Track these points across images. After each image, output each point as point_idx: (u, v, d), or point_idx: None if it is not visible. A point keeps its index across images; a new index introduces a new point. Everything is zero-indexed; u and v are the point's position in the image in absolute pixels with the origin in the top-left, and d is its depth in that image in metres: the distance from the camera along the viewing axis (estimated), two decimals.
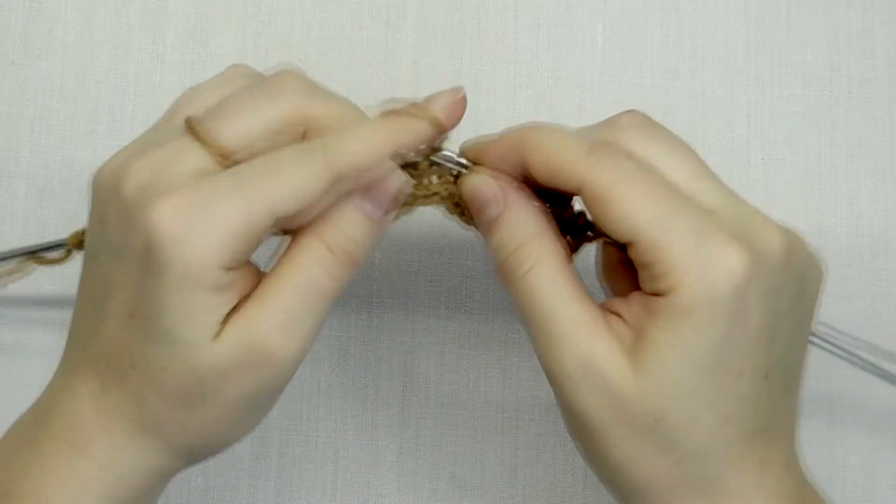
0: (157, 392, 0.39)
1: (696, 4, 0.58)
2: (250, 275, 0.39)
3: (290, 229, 0.40)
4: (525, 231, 0.40)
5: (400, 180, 0.41)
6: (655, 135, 0.40)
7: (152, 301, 0.38)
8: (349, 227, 0.40)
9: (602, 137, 0.40)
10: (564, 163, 0.38)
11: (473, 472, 0.55)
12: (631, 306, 0.39)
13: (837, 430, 0.55)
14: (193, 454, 0.41)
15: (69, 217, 0.55)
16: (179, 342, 0.38)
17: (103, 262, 0.40)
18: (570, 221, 0.43)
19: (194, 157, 0.39)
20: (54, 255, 0.50)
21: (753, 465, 0.39)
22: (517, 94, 0.57)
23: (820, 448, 0.54)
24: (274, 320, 0.38)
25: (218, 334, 0.38)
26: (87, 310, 0.41)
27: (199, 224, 0.37)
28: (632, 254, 0.38)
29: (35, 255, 0.50)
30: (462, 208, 0.43)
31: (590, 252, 0.44)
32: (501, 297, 0.55)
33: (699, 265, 0.37)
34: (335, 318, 0.55)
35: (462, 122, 0.57)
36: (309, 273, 0.39)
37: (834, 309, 0.55)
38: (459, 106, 0.42)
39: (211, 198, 0.37)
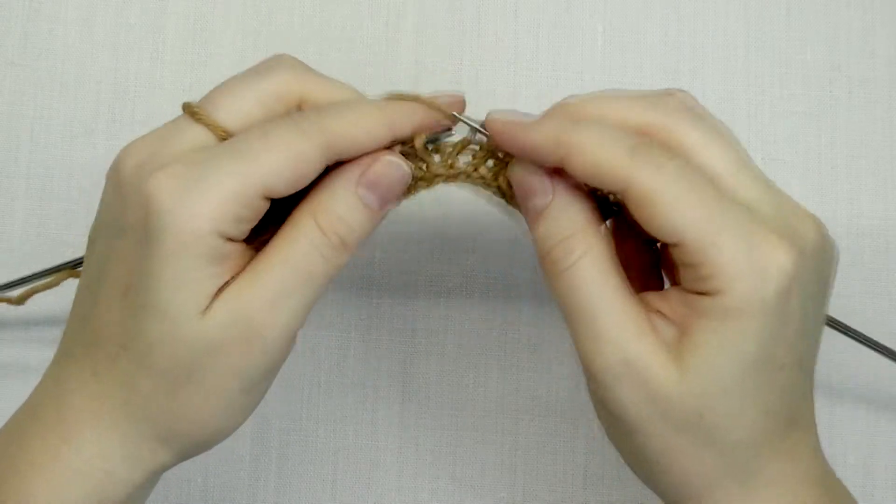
0: (146, 373, 0.38)
1: (696, 4, 0.58)
2: (247, 255, 0.39)
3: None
4: (571, 223, 0.39)
5: (401, 171, 0.40)
6: (701, 120, 0.40)
7: (147, 272, 0.37)
8: (346, 212, 0.39)
9: (649, 117, 0.39)
10: (607, 165, 0.37)
11: (473, 472, 0.55)
12: (673, 305, 0.38)
13: (837, 429, 0.55)
14: (184, 445, 0.40)
15: (69, 217, 0.55)
16: (169, 316, 0.38)
17: (101, 244, 0.40)
18: (603, 200, 0.42)
19: (192, 134, 0.39)
20: (13, 294, 0.49)
21: (787, 453, 0.39)
22: (517, 94, 0.57)
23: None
24: (262, 297, 0.38)
25: (208, 308, 0.38)
26: (83, 297, 0.41)
27: (194, 192, 0.37)
28: (676, 254, 0.38)
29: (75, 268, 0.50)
30: (497, 188, 0.42)
31: None
32: (501, 297, 0.56)
33: (750, 267, 0.36)
34: (335, 317, 0.55)
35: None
36: (301, 253, 0.39)
37: (834, 309, 0.55)
38: (459, 102, 0.42)
39: (206, 167, 0.38)
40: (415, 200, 0.43)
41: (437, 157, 0.43)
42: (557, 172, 0.40)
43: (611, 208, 0.42)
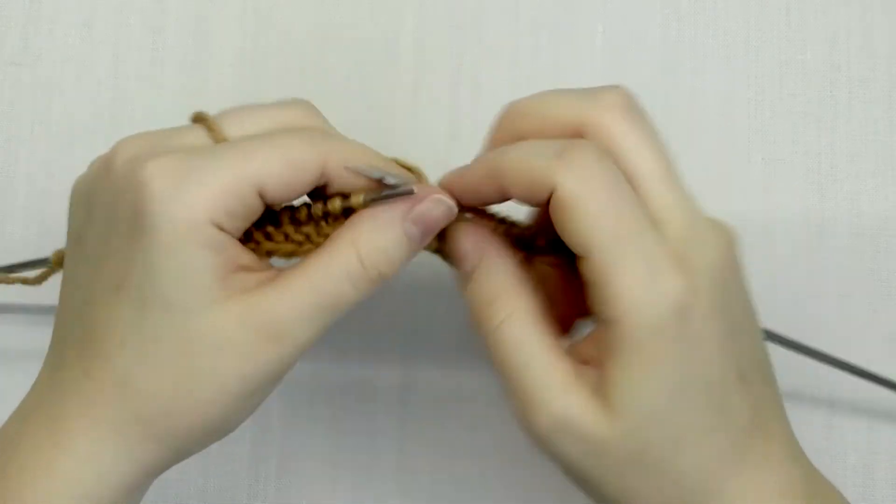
0: (146, 369, 0.38)
1: (696, 4, 0.58)
2: (244, 256, 0.39)
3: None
4: (495, 286, 0.40)
5: (448, 207, 0.40)
6: (635, 121, 0.39)
7: (144, 265, 0.37)
8: (388, 243, 0.40)
9: (586, 115, 0.39)
10: (535, 174, 0.38)
11: (473, 472, 0.55)
12: (589, 348, 0.39)
13: (836, 430, 0.55)
14: (181, 445, 0.40)
15: None
16: (176, 307, 0.37)
17: (90, 243, 0.40)
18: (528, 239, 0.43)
19: (192, 135, 0.39)
20: (31, 275, 0.49)
21: (752, 465, 0.39)
22: (517, 94, 0.57)
23: (819, 448, 0.54)
24: (286, 310, 0.38)
25: (219, 302, 0.37)
26: (71, 295, 0.40)
27: (189, 180, 0.37)
28: (582, 267, 0.38)
29: (9, 272, 0.50)
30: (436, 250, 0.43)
31: None
32: None
33: (644, 295, 0.36)
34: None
35: (462, 123, 0.57)
36: (335, 280, 0.39)
37: (834, 309, 0.55)
38: (446, 209, 0.41)
39: (202, 159, 0.37)
40: None
41: None
42: (487, 238, 0.41)
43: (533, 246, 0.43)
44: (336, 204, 0.40)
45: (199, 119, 0.40)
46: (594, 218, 0.37)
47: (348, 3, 0.58)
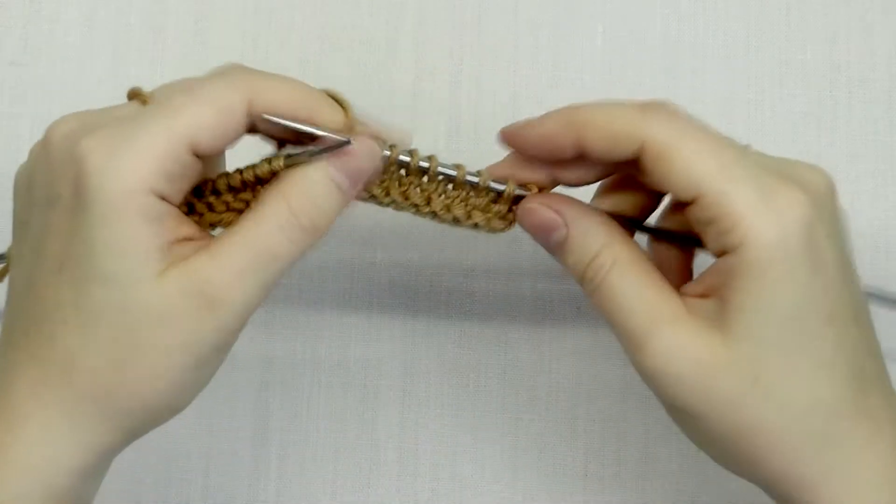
0: (91, 347, 0.37)
1: (696, 4, 0.58)
2: (185, 224, 0.39)
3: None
4: (594, 243, 0.40)
5: (370, 148, 0.40)
6: (682, 114, 0.40)
7: (83, 240, 0.37)
8: (318, 194, 0.39)
9: (640, 110, 0.40)
10: (621, 127, 0.38)
11: (473, 472, 0.55)
12: (708, 281, 0.39)
13: None
14: (132, 423, 0.39)
15: None
16: (114, 280, 0.37)
17: (33, 225, 0.39)
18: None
19: (125, 108, 0.39)
20: None
21: (868, 416, 0.38)
22: (517, 94, 0.57)
23: None
24: (223, 271, 0.38)
25: (160, 273, 0.37)
26: (17, 280, 0.40)
27: (122, 151, 0.37)
28: (695, 212, 0.38)
29: None
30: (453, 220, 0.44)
31: None
32: (502, 297, 0.55)
33: (768, 214, 0.36)
34: (335, 317, 0.55)
35: (462, 124, 0.57)
36: (268, 234, 0.39)
37: None
38: (370, 162, 0.41)
39: (134, 127, 0.37)
40: None
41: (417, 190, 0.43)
42: (563, 202, 0.41)
43: (636, 223, 0.43)
44: (264, 168, 0.40)
45: (133, 95, 0.40)
46: (695, 156, 0.37)
47: (348, 3, 0.58)
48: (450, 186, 0.43)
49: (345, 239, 0.55)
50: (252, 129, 0.40)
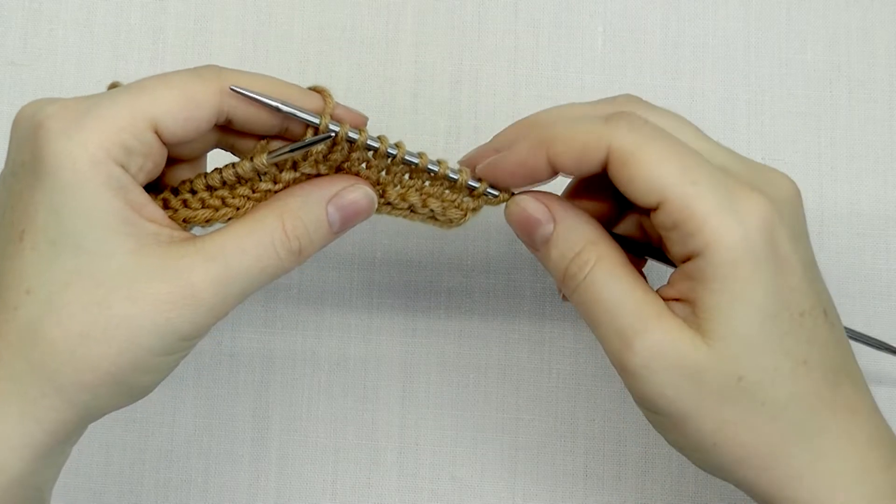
0: (54, 317, 0.36)
1: (696, 4, 0.58)
2: (164, 216, 0.39)
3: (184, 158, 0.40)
4: (579, 238, 0.41)
5: (370, 204, 0.42)
6: (653, 108, 0.41)
7: (47, 207, 0.36)
8: (311, 223, 0.40)
9: (610, 109, 0.40)
10: (587, 138, 0.39)
11: (473, 472, 0.55)
12: (678, 286, 0.39)
13: None
14: (86, 402, 0.38)
15: None
16: (85, 251, 0.36)
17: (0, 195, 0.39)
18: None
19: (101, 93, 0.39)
20: None
21: (844, 408, 0.39)
22: (517, 94, 0.57)
23: None
24: (208, 269, 0.38)
25: (133, 250, 0.37)
26: None
27: (83, 118, 0.37)
28: (660, 217, 0.38)
29: None
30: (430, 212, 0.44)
31: None
32: (501, 297, 0.55)
33: (731, 216, 0.37)
34: (335, 318, 0.55)
35: (463, 124, 0.57)
36: (261, 246, 0.39)
37: None
38: (358, 119, 0.42)
39: (97, 99, 0.38)
40: None
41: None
42: (553, 199, 0.42)
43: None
44: (245, 166, 0.40)
45: (112, 86, 0.40)
46: (658, 162, 0.38)
47: (348, 3, 0.58)
48: (406, 177, 0.43)
49: (345, 238, 0.55)
50: (227, 127, 0.40)
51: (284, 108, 0.40)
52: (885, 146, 0.57)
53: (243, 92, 0.39)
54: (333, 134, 0.40)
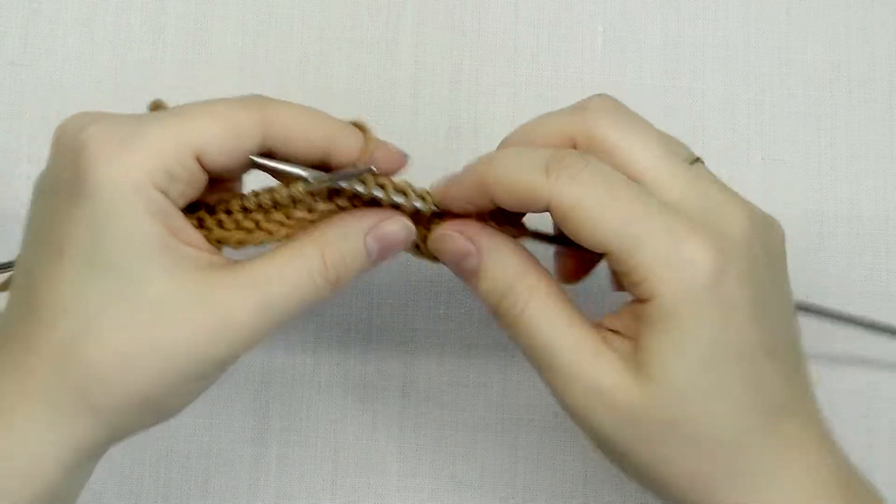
0: (91, 337, 0.36)
1: (696, 4, 0.58)
2: (202, 239, 0.39)
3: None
4: (508, 273, 0.41)
5: (408, 236, 0.42)
6: (620, 118, 0.40)
7: (87, 228, 0.36)
8: (349, 252, 0.40)
9: (571, 127, 0.40)
10: (527, 190, 0.39)
11: (473, 472, 0.55)
12: (624, 319, 0.39)
13: (836, 430, 0.55)
14: (116, 422, 0.38)
15: None
16: (125, 274, 0.37)
17: (35, 215, 0.39)
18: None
19: (143, 114, 0.40)
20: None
21: (784, 446, 0.39)
22: (517, 94, 0.57)
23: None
24: (247, 296, 0.38)
25: (172, 274, 0.37)
26: (21, 268, 0.40)
27: (127, 142, 0.37)
28: (609, 262, 0.39)
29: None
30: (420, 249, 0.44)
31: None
32: None
33: (672, 266, 0.37)
34: (335, 317, 0.55)
35: (463, 124, 0.57)
36: (299, 274, 0.39)
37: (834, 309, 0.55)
38: (398, 159, 0.42)
39: (142, 122, 0.38)
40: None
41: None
42: (480, 230, 0.41)
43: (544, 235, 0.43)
44: (282, 193, 0.40)
45: (155, 107, 0.40)
46: (599, 215, 0.37)
47: (348, 3, 0.58)
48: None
49: None
50: (269, 154, 0.40)
51: (312, 180, 0.40)
52: (885, 146, 0.57)
53: (266, 163, 0.40)
54: (370, 168, 0.40)
